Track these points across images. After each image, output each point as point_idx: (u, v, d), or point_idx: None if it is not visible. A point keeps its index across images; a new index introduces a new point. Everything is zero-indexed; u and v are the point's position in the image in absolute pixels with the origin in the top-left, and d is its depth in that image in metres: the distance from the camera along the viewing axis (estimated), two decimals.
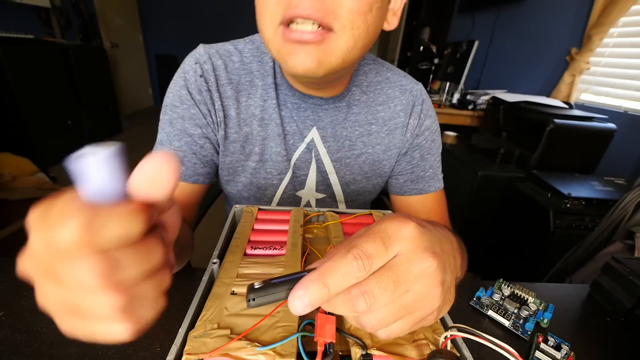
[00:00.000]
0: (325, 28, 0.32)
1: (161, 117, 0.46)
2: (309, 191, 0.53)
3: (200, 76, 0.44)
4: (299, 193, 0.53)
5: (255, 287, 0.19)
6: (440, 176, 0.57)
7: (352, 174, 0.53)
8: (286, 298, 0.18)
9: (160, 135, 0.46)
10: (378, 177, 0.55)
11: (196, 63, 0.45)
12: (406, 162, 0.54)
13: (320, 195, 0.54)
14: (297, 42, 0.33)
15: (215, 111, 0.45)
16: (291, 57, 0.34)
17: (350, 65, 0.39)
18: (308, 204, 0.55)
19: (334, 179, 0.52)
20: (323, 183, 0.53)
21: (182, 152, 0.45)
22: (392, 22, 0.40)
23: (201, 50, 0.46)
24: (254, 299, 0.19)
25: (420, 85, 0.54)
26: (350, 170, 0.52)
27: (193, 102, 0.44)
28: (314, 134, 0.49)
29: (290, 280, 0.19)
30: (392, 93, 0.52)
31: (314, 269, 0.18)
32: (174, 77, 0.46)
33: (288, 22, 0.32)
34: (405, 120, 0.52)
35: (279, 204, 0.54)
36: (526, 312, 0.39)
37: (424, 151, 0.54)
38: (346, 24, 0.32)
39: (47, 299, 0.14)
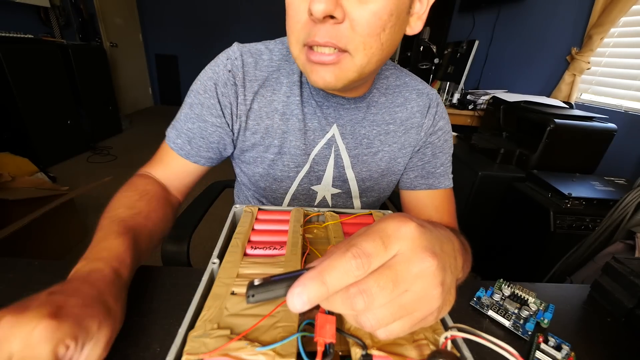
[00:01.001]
0: (341, 50, 0.36)
1: (185, 98, 0.51)
2: (326, 186, 0.55)
3: (229, 71, 0.48)
4: (315, 187, 0.55)
5: (255, 283, 0.19)
6: (450, 176, 0.58)
7: (368, 171, 0.55)
8: (285, 295, 0.18)
9: (179, 114, 0.51)
10: (392, 174, 0.57)
11: (227, 59, 0.48)
12: (418, 159, 0.57)
13: (336, 191, 0.56)
14: (317, 63, 0.37)
15: (237, 104, 0.49)
16: (313, 74, 0.38)
17: (369, 75, 0.41)
18: (323, 199, 0.57)
19: (350, 175, 0.54)
20: (340, 179, 0.55)
21: (193, 133, 0.49)
22: (415, 27, 0.41)
23: (235, 47, 0.50)
24: (253, 295, 0.19)
25: (435, 91, 0.57)
26: (367, 167, 0.54)
27: (215, 94, 0.48)
28: (334, 131, 0.51)
29: (289, 278, 0.19)
30: (410, 96, 0.55)
31: (314, 267, 0.18)
32: (205, 68, 0.50)
33: (310, 46, 0.37)
34: (421, 121, 0.55)
35: (293, 197, 0.55)
36: (526, 312, 0.39)
37: (436, 149, 0.56)
38: (359, 45, 0.36)
39: None
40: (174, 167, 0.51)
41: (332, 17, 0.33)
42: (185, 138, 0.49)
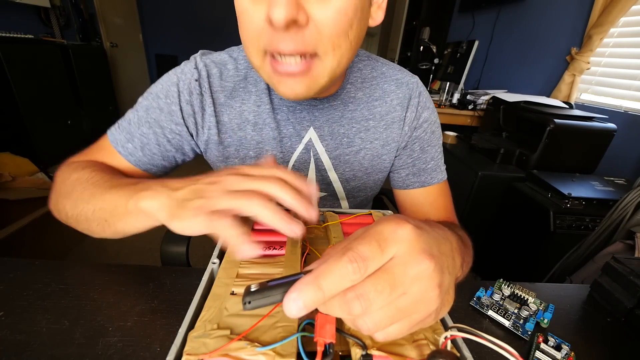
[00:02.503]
0: (310, 55, 0.33)
1: (140, 99, 0.47)
2: None
3: (196, 80, 0.46)
4: None
5: (252, 290, 0.19)
6: (443, 167, 0.56)
7: (352, 170, 0.53)
8: (282, 300, 0.18)
9: (131, 115, 0.47)
10: (378, 172, 0.55)
11: (194, 68, 0.47)
12: (407, 156, 0.54)
13: (321, 194, 0.55)
14: (285, 75, 0.34)
15: (203, 115, 0.47)
16: (281, 86, 0.36)
17: (339, 76, 0.40)
18: None
19: (333, 177, 0.53)
20: (323, 182, 0.53)
21: (147, 139, 0.46)
22: (377, 17, 0.39)
23: (198, 58, 0.48)
24: (249, 302, 0.19)
25: (416, 78, 0.54)
26: (349, 166, 0.52)
27: (178, 100, 0.46)
28: (311, 134, 0.49)
29: (286, 283, 0.19)
30: (388, 87, 0.52)
31: (310, 271, 0.18)
32: (169, 73, 0.47)
33: (272, 54, 0.34)
34: (402, 114, 0.52)
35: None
36: (526, 312, 0.39)
37: (423, 143, 0.54)
38: (328, 47, 0.33)
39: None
40: (118, 169, 0.46)
41: (294, 21, 0.30)
42: (138, 143, 0.45)
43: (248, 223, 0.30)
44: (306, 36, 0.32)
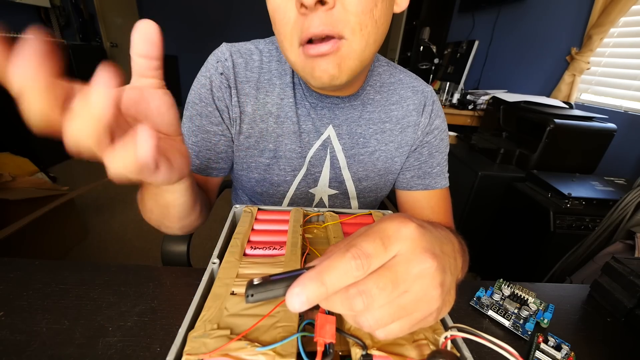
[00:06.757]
0: (338, 37, 0.36)
1: (184, 111, 0.49)
2: (322, 187, 0.55)
3: (221, 74, 0.47)
4: (312, 190, 0.55)
5: (254, 283, 0.19)
6: (447, 175, 0.58)
7: (365, 171, 0.54)
8: (284, 295, 0.18)
9: (181, 128, 0.50)
10: (390, 174, 0.56)
11: (217, 61, 0.47)
12: (414, 158, 0.56)
13: (333, 192, 0.55)
14: (317, 56, 0.36)
15: (232, 107, 0.48)
16: (316, 70, 0.37)
17: (368, 61, 0.41)
18: (321, 201, 0.56)
19: (346, 175, 0.54)
20: (336, 180, 0.54)
21: (198, 147, 0.48)
22: (402, 3, 0.41)
23: (223, 48, 0.48)
24: (252, 295, 0.19)
25: (431, 88, 0.56)
26: (363, 166, 0.54)
27: (212, 100, 0.47)
28: (330, 132, 0.51)
29: (288, 278, 0.19)
30: (405, 93, 0.54)
31: (313, 266, 0.18)
32: (198, 75, 0.49)
33: (306, 42, 0.36)
34: (417, 119, 0.54)
35: (291, 201, 0.55)
36: (526, 312, 0.39)
37: (432, 148, 0.56)
38: (355, 27, 0.35)
39: None
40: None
41: (322, 3, 0.33)
42: (192, 153, 0.48)
43: None
44: (334, 16, 0.34)
